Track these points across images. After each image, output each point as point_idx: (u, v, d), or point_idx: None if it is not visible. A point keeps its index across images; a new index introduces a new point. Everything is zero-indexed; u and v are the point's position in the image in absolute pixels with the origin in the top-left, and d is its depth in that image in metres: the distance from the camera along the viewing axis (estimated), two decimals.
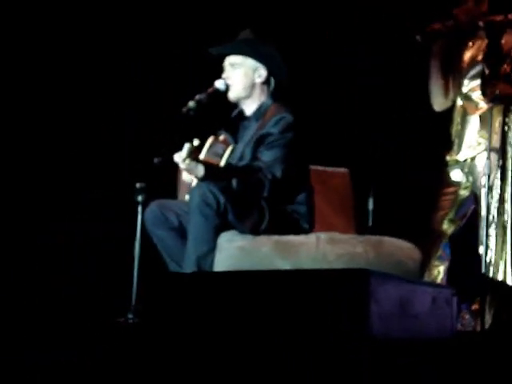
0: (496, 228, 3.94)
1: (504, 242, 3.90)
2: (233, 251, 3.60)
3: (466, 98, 4.23)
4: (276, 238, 3.62)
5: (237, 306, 2.73)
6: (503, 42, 4.06)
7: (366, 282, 2.47)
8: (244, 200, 3.69)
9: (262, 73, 3.86)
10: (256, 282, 2.71)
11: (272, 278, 2.69)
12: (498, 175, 4.01)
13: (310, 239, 3.62)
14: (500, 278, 3.88)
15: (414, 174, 4.79)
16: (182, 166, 3.62)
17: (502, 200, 3.96)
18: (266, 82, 3.87)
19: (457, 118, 4.27)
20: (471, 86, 4.21)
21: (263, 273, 2.89)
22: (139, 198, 3.78)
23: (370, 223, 4.62)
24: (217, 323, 2.76)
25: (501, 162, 4.02)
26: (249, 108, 3.89)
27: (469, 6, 4.16)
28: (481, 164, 4.09)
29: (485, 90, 4.02)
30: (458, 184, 4.22)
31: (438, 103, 4.27)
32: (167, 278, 3.19)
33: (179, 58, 5.00)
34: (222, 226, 3.63)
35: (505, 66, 4.05)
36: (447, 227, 4.19)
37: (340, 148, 4.89)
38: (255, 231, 3.66)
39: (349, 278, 2.52)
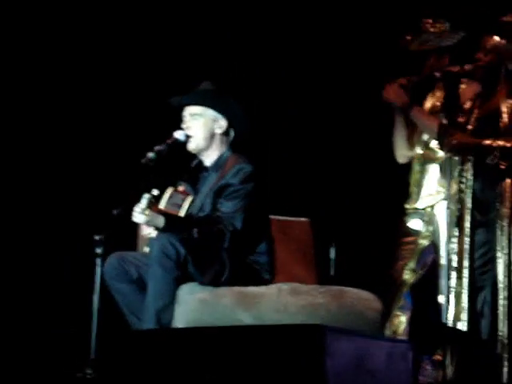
0: (456, 278, 3.95)
1: (462, 291, 3.91)
2: (193, 304, 3.57)
3: (426, 146, 4.27)
4: (237, 289, 3.60)
5: (193, 362, 2.71)
6: (460, 92, 4.12)
7: (321, 338, 2.47)
8: (204, 251, 3.66)
9: (222, 124, 3.87)
10: (210, 338, 2.69)
11: (228, 335, 2.68)
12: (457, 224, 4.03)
13: (271, 290, 3.61)
14: (459, 327, 3.87)
15: (374, 223, 4.81)
16: (141, 217, 3.60)
17: (460, 249, 3.97)
18: (226, 133, 3.89)
19: (416, 167, 4.30)
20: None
21: (217, 329, 2.87)
22: (98, 250, 3.73)
23: (332, 273, 4.61)
24: (174, 380, 2.73)
25: (459, 212, 4.04)
26: (208, 159, 3.89)
27: (432, 61, 4.25)
28: (440, 213, 4.12)
29: (442, 140, 4.06)
30: (417, 233, 4.24)
31: (402, 155, 4.32)
32: (126, 336, 3.15)
33: (138, 108, 5.01)
34: (182, 277, 3.61)
35: (462, 116, 4.10)
36: (408, 277, 4.19)
37: (301, 198, 4.91)
38: (216, 283, 3.63)
39: (304, 333, 2.51)
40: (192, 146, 3.86)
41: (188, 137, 3.85)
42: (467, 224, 3.96)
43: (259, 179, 3.76)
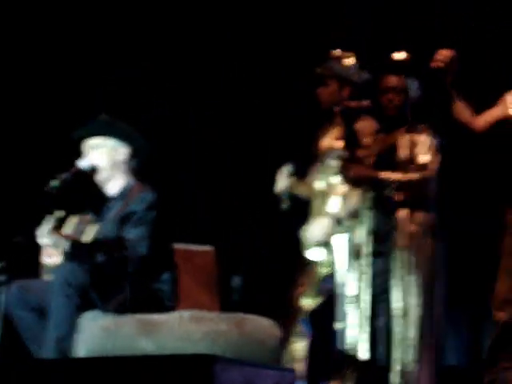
0: (354, 305, 4.01)
1: (360, 319, 3.97)
2: (95, 331, 3.51)
3: (327, 179, 4.34)
4: (139, 316, 3.56)
5: None
6: (358, 127, 4.22)
7: (211, 368, 2.49)
8: (108, 279, 3.62)
9: (123, 152, 3.86)
10: (108, 367, 2.66)
11: (120, 365, 2.66)
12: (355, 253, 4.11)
13: (173, 317, 3.59)
14: (358, 354, 3.94)
15: (278, 252, 4.86)
16: (47, 239, 3.55)
17: (359, 278, 4.05)
18: (127, 161, 3.87)
19: (317, 199, 4.36)
20: (331, 168, 4.33)
21: (107, 360, 2.85)
22: (0, 278, 3.65)
23: (236, 300, 4.63)
24: None
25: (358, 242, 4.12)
26: (113, 187, 3.85)
27: (333, 88, 4.31)
28: (339, 243, 4.18)
29: (343, 173, 4.15)
30: (317, 262, 4.29)
31: (303, 190, 4.39)
32: (26, 364, 3.10)
33: (41, 137, 4.95)
34: (85, 305, 3.55)
35: (360, 149, 4.20)
36: (306, 304, 4.24)
37: (206, 226, 4.92)
38: (119, 310, 3.59)
39: (194, 364, 2.53)
40: (97, 177, 3.85)
41: (92, 167, 3.83)
42: (366, 253, 4.05)
43: (162, 207, 3.77)
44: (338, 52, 4.31)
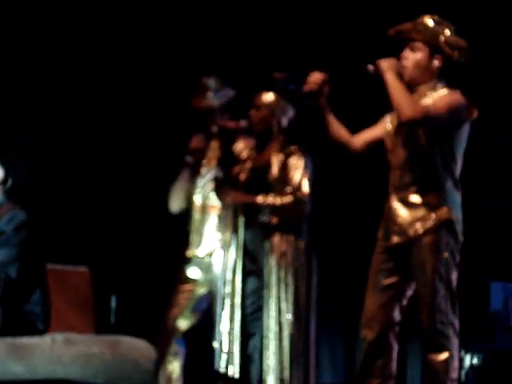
0: (228, 324, 4.03)
1: (234, 337, 3.99)
2: None
3: (205, 197, 4.34)
4: (9, 340, 3.46)
5: None
6: (235, 147, 4.24)
7: None
8: None
9: None
10: None
11: None
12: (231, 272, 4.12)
13: (44, 341, 3.50)
14: (230, 373, 3.95)
15: (155, 271, 4.84)
16: None
17: (233, 296, 4.07)
18: (2, 182, 3.79)
19: (196, 216, 4.35)
20: (209, 186, 4.33)
21: None
22: None
23: (113, 321, 4.56)
24: None
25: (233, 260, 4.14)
26: None
27: (216, 118, 4.32)
28: (217, 261, 4.19)
29: (219, 194, 4.17)
30: (195, 281, 4.28)
31: (178, 206, 4.35)
32: None
33: None
34: None
35: (236, 169, 4.23)
36: (182, 324, 4.22)
37: (81, 246, 4.85)
38: None
39: None
40: None
41: None
42: (239, 272, 4.07)
43: (33, 227, 3.69)
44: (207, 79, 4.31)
